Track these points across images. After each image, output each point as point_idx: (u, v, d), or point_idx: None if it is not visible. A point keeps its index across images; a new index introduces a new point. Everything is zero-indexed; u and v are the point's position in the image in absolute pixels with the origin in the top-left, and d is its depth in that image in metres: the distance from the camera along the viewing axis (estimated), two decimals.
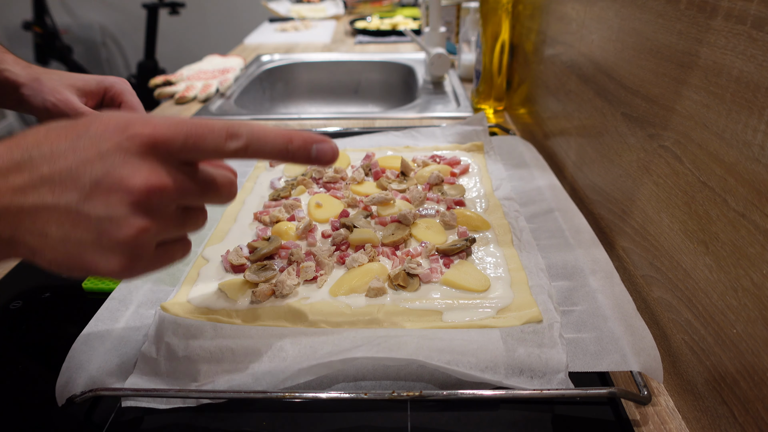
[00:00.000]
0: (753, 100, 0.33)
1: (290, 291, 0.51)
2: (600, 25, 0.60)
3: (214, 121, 0.33)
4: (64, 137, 0.31)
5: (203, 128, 0.32)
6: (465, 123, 0.89)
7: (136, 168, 0.30)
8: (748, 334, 0.34)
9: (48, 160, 0.30)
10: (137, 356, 0.45)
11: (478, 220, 0.62)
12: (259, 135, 0.33)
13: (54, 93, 0.56)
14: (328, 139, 0.35)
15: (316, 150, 0.35)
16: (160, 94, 1.24)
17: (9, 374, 0.46)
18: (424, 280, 0.52)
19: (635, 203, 0.51)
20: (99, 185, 0.30)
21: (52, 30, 2.84)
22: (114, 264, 0.31)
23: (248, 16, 3.20)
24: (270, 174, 0.77)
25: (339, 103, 1.50)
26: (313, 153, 0.35)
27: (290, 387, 0.42)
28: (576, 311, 0.49)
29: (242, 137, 0.33)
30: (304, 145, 0.35)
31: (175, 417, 0.42)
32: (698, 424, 0.40)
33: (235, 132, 0.33)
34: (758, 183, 0.33)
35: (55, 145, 0.30)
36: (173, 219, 0.33)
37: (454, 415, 0.41)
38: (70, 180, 0.30)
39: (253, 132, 0.33)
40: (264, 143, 0.34)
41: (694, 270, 0.40)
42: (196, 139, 0.32)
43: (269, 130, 0.34)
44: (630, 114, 0.52)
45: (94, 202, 0.30)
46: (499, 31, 0.95)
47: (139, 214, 0.30)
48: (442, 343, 0.44)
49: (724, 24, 0.36)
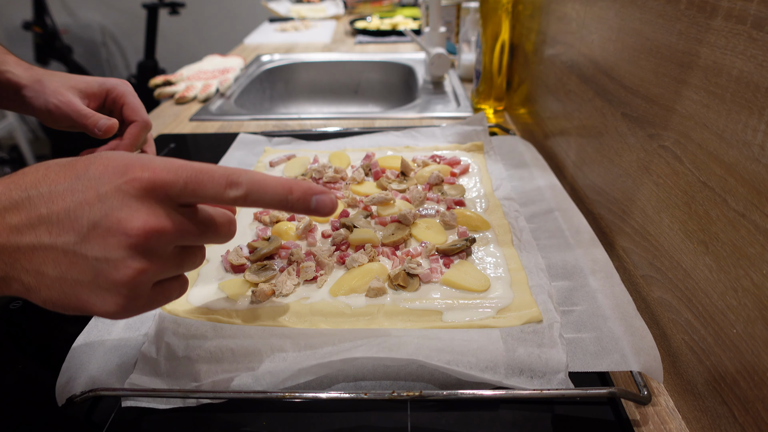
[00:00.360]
0: (753, 100, 0.33)
1: (290, 291, 0.51)
2: (600, 25, 0.60)
3: (215, 167, 0.33)
4: (63, 177, 0.31)
5: (203, 175, 0.32)
6: (465, 123, 0.89)
7: (134, 211, 0.30)
8: (748, 334, 0.34)
9: (46, 200, 0.30)
10: (137, 356, 0.45)
11: (478, 220, 0.62)
12: (259, 184, 0.33)
13: (56, 95, 0.56)
14: (328, 190, 0.36)
15: (316, 201, 0.35)
16: (160, 94, 1.24)
17: (9, 374, 0.47)
18: (424, 280, 0.52)
19: (635, 203, 0.51)
20: (97, 227, 0.30)
21: (52, 30, 2.84)
22: (110, 304, 0.31)
23: (248, 16, 3.20)
24: (270, 174, 0.77)
25: (339, 103, 1.50)
26: (313, 204, 0.35)
27: (290, 387, 0.43)
28: (576, 311, 0.49)
29: (242, 186, 0.33)
30: (303, 196, 0.34)
31: (175, 417, 0.42)
32: (698, 424, 0.40)
33: (235, 180, 0.33)
34: (758, 183, 0.33)
35: (53, 185, 0.30)
36: (171, 259, 0.33)
37: (454, 415, 0.41)
38: (68, 221, 0.30)
39: (254, 181, 0.33)
40: (264, 193, 0.34)
41: (694, 270, 0.40)
42: (196, 186, 0.32)
43: (270, 179, 0.34)
44: (630, 114, 0.52)
45: (92, 244, 0.30)
46: (499, 31, 0.95)
47: (137, 256, 0.30)
48: (442, 343, 0.44)
49: (724, 24, 0.36)
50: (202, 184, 0.32)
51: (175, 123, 1.06)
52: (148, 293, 0.33)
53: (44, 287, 0.31)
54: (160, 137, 0.98)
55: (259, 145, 0.87)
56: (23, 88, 0.56)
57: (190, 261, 0.36)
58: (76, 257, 0.30)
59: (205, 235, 0.34)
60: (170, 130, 1.02)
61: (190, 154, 0.92)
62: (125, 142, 0.59)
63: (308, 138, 0.92)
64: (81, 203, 0.30)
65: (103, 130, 0.56)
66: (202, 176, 0.32)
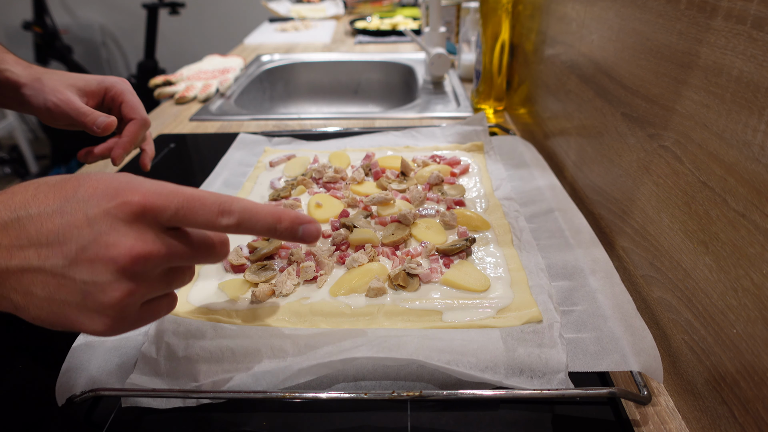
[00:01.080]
0: (753, 100, 0.33)
1: (290, 291, 0.51)
2: (600, 25, 0.60)
3: (207, 194, 0.33)
4: (53, 199, 0.31)
5: (195, 202, 0.32)
6: (465, 123, 0.89)
7: (122, 235, 0.30)
8: (748, 334, 0.34)
9: (35, 221, 0.30)
10: (137, 356, 0.45)
11: (478, 220, 0.62)
12: (251, 213, 0.34)
13: (55, 93, 0.56)
14: (314, 220, 0.37)
15: (302, 231, 0.36)
16: (160, 94, 1.24)
17: (9, 374, 0.47)
18: (424, 280, 0.52)
19: (635, 203, 0.51)
20: (85, 251, 0.30)
21: (52, 30, 2.84)
22: (98, 325, 0.31)
23: (248, 16, 3.20)
24: (270, 174, 0.77)
25: (339, 103, 1.50)
26: (299, 233, 0.36)
27: (290, 387, 0.43)
28: (576, 311, 0.49)
29: (234, 215, 0.33)
30: (291, 226, 0.35)
31: (175, 417, 0.42)
32: (698, 424, 0.40)
33: (227, 209, 0.33)
34: (758, 183, 0.33)
35: (42, 206, 0.30)
36: (159, 280, 0.34)
37: (454, 415, 0.41)
38: (57, 244, 0.30)
39: (245, 209, 0.34)
40: (255, 222, 0.34)
41: (694, 270, 0.40)
42: (187, 212, 0.32)
43: (260, 208, 0.34)
44: (630, 114, 0.52)
45: (80, 268, 0.30)
46: (499, 31, 0.95)
47: (125, 279, 0.31)
48: (442, 343, 0.44)
49: (724, 24, 0.36)
50: (194, 210, 0.32)
51: (175, 123, 1.06)
52: (137, 313, 0.33)
53: (33, 306, 0.31)
54: (160, 137, 0.98)
55: (259, 145, 0.87)
56: (22, 86, 0.56)
57: (179, 280, 0.36)
58: (65, 279, 0.30)
59: (198, 255, 0.35)
60: (170, 130, 1.02)
61: (190, 154, 0.92)
62: (124, 139, 0.59)
63: (308, 138, 0.92)
64: (70, 226, 0.30)
65: (101, 127, 0.56)
66: (194, 203, 0.32)
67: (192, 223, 0.32)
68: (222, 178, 0.76)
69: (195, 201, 0.32)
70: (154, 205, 0.31)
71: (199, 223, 0.32)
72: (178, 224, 0.32)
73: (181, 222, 0.32)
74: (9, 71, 0.56)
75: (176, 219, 0.32)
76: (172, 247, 0.32)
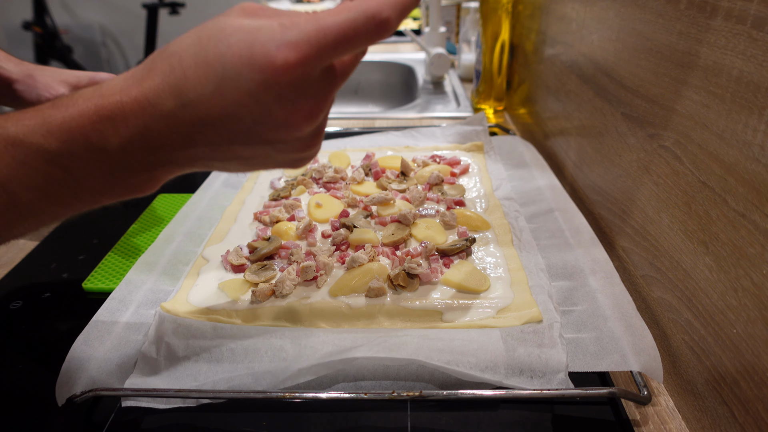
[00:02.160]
0: (753, 100, 0.33)
1: (290, 291, 0.51)
2: (600, 25, 0.60)
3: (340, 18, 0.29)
4: (205, 79, 0.29)
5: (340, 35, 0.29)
6: (465, 123, 0.89)
7: (291, 104, 0.30)
8: (748, 334, 0.34)
9: (198, 107, 0.29)
10: (137, 356, 0.45)
11: (478, 220, 0.62)
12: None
13: (48, 89, 0.57)
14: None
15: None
16: None
17: (9, 374, 0.47)
18: (424, 280, 0.52)
19: (635, 203, 0.51)
20: (260, 124, 0.31)
21: (52, 30, 2.84)
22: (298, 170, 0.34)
23: None
24: (270, 174, 0.77)
25: (339, 103, 1.49)
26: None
27: (290, 387, 0.42)
28: (576, 311, 0.49)
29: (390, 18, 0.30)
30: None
31: (175, 417, 0.42)
32: (698, 424, 0.40)
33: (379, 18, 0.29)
34: (758, 183, 0.33)
35: (200, 89, 0.29)
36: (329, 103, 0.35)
37: (454, 415, 0.41)
38: (230, 121, 0.30)
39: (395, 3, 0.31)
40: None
41: (694, 270, 0.40)
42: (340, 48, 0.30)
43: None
44: (630, 114, 0.52)
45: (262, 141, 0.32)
46: (499, 31, 0.95)
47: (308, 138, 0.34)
48: (442, 343, 0.44)
49: (724, 24, 0.36)
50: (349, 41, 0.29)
51: None
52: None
53: (231, 168, 0.35)
54: None
55: None
56: (14, 82, 0.57)
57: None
58: (251, 149, 0.32)
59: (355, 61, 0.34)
60: None
61: None
62: None
63: None
64: (237, 105, 0.29)
65: None
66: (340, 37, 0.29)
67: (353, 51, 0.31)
68: (222, 177, 0.76)
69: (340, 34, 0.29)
70: (307, 58, 0.29)
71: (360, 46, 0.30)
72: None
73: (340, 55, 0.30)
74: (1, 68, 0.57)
75: (336, 56, 0.30)
76: (331, 87, 0.32)
